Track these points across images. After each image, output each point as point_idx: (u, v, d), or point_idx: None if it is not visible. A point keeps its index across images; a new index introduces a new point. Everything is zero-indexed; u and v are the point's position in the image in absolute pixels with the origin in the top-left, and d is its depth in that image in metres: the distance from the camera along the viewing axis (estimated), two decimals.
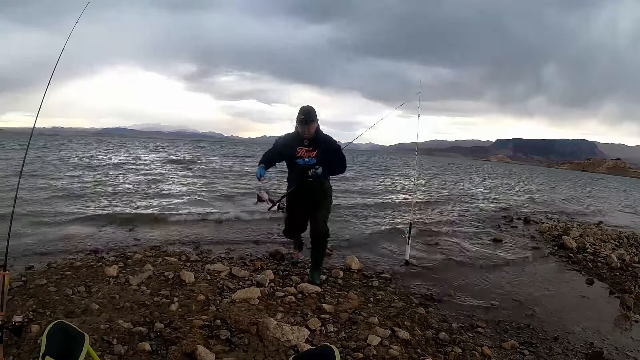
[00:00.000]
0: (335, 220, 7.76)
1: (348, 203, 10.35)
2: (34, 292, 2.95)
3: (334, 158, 3.59)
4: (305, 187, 3.60)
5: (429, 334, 2.97)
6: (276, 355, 2.37)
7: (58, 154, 22.35)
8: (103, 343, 2.28)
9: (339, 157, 3.62)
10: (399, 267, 4.81)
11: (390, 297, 3.66)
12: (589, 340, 3.29)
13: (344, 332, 2.81)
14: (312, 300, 3.32)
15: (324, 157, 3.55)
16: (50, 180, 10.64)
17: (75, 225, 5.75)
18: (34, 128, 2.15)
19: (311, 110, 3.48)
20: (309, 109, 3.49)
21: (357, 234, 6.66)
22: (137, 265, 3.75)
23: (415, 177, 11.03)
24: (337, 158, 3.61)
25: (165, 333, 2.47)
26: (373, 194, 13.04)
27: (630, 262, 5.93)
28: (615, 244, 7.34)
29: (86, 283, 3.21)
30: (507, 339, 3.11)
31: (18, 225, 5.11)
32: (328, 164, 3.56)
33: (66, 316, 2.59)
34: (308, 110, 3.48)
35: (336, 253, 5.16)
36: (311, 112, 3.47)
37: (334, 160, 3.60)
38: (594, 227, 9.21)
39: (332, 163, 3.59)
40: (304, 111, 3.47)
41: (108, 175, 13.27)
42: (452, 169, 43.21)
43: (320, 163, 3.53)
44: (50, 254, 4.18)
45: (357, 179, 19.13)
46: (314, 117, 3.48)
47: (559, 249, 6.64)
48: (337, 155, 3.61)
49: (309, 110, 3.48)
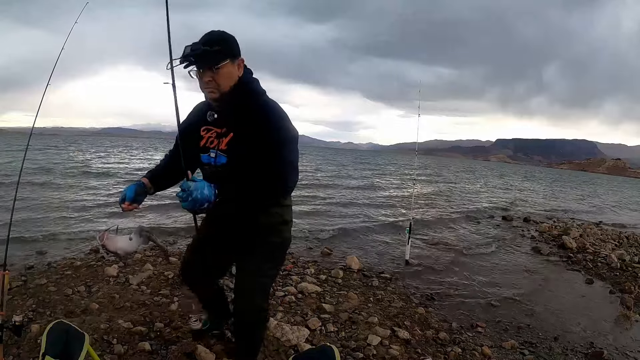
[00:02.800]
0: (335, 220, 7.77)
1: (347, 203, 10.37)
2: (34, 291, 2.94)
3: (266, 160, 1.48)
4: (218, 216, 1.77)
5: (429, 334, 2.97)
6: (276, 355, 2.37)
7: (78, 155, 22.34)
8: (103, 343, 2.27)
9: (277, 159, 1.49)
10: (399, 267, 4.82)
11: (390, 297, 3.66)
12: (589, 340, 3.29)
13: (344, 332, 2.81)
14: (312, 300, 3.32)
15: (245, 150, 1.51)
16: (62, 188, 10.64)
17: (76, 225, 5.75)
18: (34, 128, 2.14)
19: (216, 35, 1.48)
20: (212, 33, 1.49)
21: (357, 233, 6.66)
22: (137, 265, 3.75)
23: (415, 177, 11.03)
24: (271, 162, 1.49)
25: (165, 333, 2.47)
26: (373, 194, 13.06)
27: (630, 262, 5.92)
28: (615, 244, 7.35)
29: (86, 283, 3.21)
30: (507, 339, 3.11)
31: (18, 225, 5.11)
32: (251, 173, 1.49)
33: (66, 316, 2.59)
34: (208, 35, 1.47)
35: (336, 253, 5.16)
36: (214, 37, 1.46)
37: (264, 164, 1.48)
38: (594, 227, 9.21)
39: (260, 172, 1.47)
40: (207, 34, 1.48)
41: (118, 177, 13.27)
42: (452, 169, 43.21)
43: (235, 162, 1.54)
44: (50, 254, 4.18)
45: (356, 178, 19.17)
46: (223, 47, 1.47)
47: (559, 249, 6.64)
48: (274, 153, 1.49)
49: (210, 36, 1.47)
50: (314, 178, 17.45)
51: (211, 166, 1.60)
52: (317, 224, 7.18)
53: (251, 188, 1.48)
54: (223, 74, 1.48)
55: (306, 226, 6.82)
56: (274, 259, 1.77)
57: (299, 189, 12.47)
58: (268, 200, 1.57)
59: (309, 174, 19.49)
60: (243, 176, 1.49)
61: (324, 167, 27.26)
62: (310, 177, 17.61)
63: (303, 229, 6.51)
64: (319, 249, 5.25)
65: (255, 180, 1.47)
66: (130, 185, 1.65)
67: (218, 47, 1.43)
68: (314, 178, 17.45)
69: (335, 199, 10.87)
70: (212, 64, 1.45)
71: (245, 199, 1.49)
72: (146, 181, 1.70)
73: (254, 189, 1.48)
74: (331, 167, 29.02)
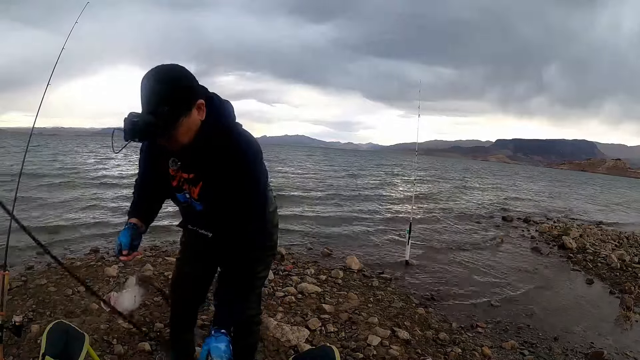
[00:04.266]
0: (335, 220, 7.77)
1: (347, 203, 10.36)
2: (34, 292, 2.94)
3: (240, 211, 1.33)
4: (206, 246, 1.58)
5: (429, 334, 2.97)
6: (276, 356, 2.37)
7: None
8: (103, 343, 2.28)
9: (252, 212, 1.35)
10: (399, 267, 4.82)
11: (390, 297, 3.66)
12: (589, 340, 3.30)
13: (344, 332, 2.81)
14: (312, 300, 3.32)
15: (219, 196, 1.34)
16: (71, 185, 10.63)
17: (76, 225, 5.75)
18: (34, 128, 2.14)
19: (162, 87, 1.13)
20: (157, 81, 1.13)
21: (357, 234, 6.66)
22: (137, 265, 3.75)
23: (415, 177, 11.03)
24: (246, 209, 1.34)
25: (165, 333, 2.47)
26: (372, 194, 13.05)
27: (630, 262, 5.93)
28: (615, 244, 7.35)
29: (86, 283, 3.21)
30: (507, 339, 3.11)
31: (18, 225, 5.10)
32: (228, 220, 1.35)
33: (66, 316, 2.59)
34: (151, 89, 1.13)
35: (336, 253, 5.16)
36: (160, 93, 1.12)
37: (240, 215, 1.34)
38: (593, 228, 9.22)
39: (237, 220, 1.34)
40: (143, 88, 1.14)
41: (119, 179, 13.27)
42: (452, 169, 43.19)
43: (210, 209, 1.41)
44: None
45: (355, 177, 19.16)
46: (173, 106, 1.13)
47: (559, 249, 6.64)
48: (249, 199, 1.33)
49: (154, 91, 1.13)
50: (314, 178, 17.46)
51: (189, 206, 1.47)
52: (317, 224, 7.18)
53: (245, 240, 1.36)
54: (180, 132, 1.18)
55: (306, 226, 6.82)
56: (265, 261, 1.69)
57: (299, 189, 12.47)
58: (250, 253, 1.40)
59: (309, 174, 19.50)
60: (222, 220, 1.38)
61: (323, 167, 27.27)
62: (310, 177, 17.62)
63: (303, 229, 6.51)
64: (319, 250, 5.25)
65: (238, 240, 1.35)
66: (122, 231, 1.44)
67: (167, 108, 1.11)
68: (314, 178, 17.46)
69: (333, 199, 10.87)
70: (163, 134, 1.15)
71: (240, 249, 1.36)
72: (137, 221, 1.48)
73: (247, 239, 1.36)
74: (331, 166, 29.03)
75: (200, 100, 1.21)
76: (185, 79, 1.18)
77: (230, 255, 1.39)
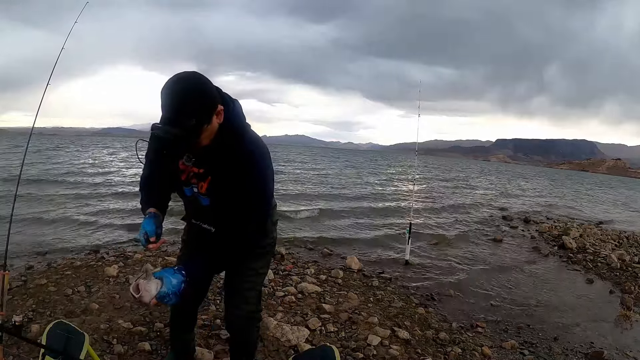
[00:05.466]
0: (335, 220, 7.77)
1: (347, 203, 10.36)
2: (34, 291, 2.95)
3: (247, 203, 1.39)
4: (207, 242, 1.49)
5: (429, 334, 2.97)
6: (276, 355, 2.37)
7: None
8: (103, 343, 2.28)
9: (258, 203, 1.42)
10: (399, 267, 4.82)
11: (390, 297, 3.66)
12: (589, 340, 3.30)
13: (344, 332, 2.81)
14: (312, 300, 3.32)
15: (226, 192, 1.38)
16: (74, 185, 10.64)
17: (76, 225, 5.75)
18: (34, 128, 2.14)
19: (187, 100, 1.19)
20: (183, 94, 1.19)
21: (357, 234, 6.66)
22: (137, 265, 3.74)
23: (415, 177, 11.02)
24: (252, 205, 1.40)
25: (165, 333, 2.47)
26: (372, 194, 13.05)
27: (630, 262, 5.93)
28: (615, 244, 7.36)
29: (86, 283, 3.21)
30: (507, 339, 3.11)
31: (18, 225, 5.11)
32: (234, 213, 1.39)
33: (66, 316, 2.59)
34: (177, 102, 1.19)
35: (336, 253, 5.16)
36: (186, 107, 1.19)
37: (243, 211, 1.39)
38: (593, 228, 9.22)
39: (239, 216, 1.40)
40: (169, 99, 1.19)
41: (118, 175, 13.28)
42: (452, 169, 43.18)
43: (217, 204, 1.45)
44: (50, 254, 4.18)
45: (355, 177, 19.16)
46: (199, 116, 1.22)
47: (559, 249, 6.64)
48: (257, 197, 1.41)
49: (180, 104, 1.19)
50: (314, 177, 17.47)
51: (194, 200, 1.50)
52: (317, 224, 7.18)
53: (239, 237, 1.42)
54: (203, 138, 1.27)
55: (306, 226, 6.82)
56: (265, 258, 1.74)
57: (299, 189, 12.46)
58: (259, 237, 1.58)
59: (310, 175, 19.51)
60: (227, 216, 1.40)
61: (323, 167, 27.27)
62: (310, 178, 17.63)
63: (303, 229, 6.51)
64: (319, 249, 5.26)
65: (239, 231, 1.41)
66: (145, 220, 1.48)
67: (194, 120, 1.20)
68: (314, 177, 17.47)
69: (333, 199, 10.87)
70: (189, 143, 1.26)
71: (237, 245, 1.43)
72: (156, 210, 1.52)
73: (242, 237, 1.43)
74: (331, 166, 29.03)
75: (220, 106, 1.30)
76: (208, 91, 1.26)
77: (230, 252, 1.43)
